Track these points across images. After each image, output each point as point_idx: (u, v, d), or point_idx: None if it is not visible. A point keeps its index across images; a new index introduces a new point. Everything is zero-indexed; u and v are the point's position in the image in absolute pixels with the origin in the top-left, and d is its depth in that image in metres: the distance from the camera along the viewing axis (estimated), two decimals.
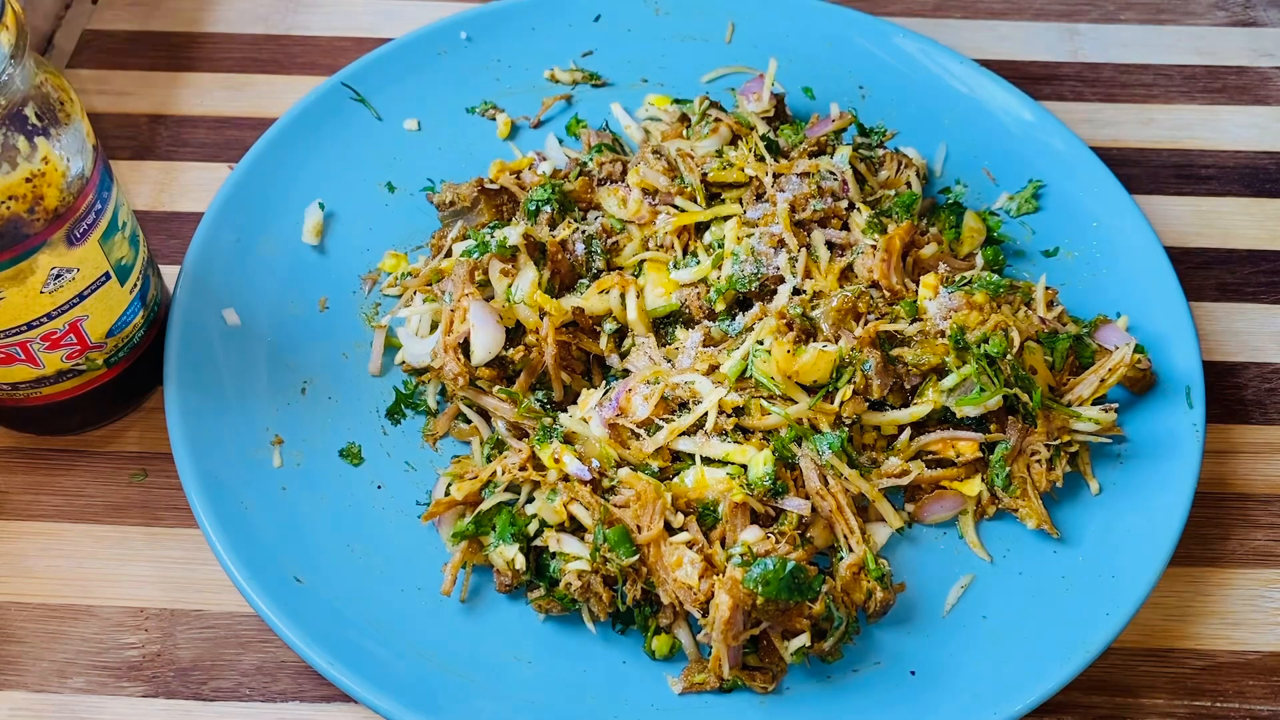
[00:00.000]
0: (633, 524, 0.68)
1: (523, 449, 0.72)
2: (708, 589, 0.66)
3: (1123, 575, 0.71)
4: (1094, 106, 0.99)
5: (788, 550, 0.67)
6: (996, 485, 0.74)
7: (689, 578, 0.67)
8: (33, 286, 0.65)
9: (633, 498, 0.69)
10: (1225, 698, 0.71)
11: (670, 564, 0.67)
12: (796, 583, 0.65)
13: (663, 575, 0.68)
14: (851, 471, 0.71)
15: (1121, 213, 0.85)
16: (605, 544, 0.67)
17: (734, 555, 0.67)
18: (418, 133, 0.90)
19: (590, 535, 0.69)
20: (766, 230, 0.79)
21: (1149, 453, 0.76)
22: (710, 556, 0.68)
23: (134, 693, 0.69)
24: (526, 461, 0.71)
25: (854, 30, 0.95)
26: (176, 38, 1.01)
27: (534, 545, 0.70)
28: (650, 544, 0.68)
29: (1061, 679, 0.67)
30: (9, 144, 0.61)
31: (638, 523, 0.68)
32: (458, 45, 0.93)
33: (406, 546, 0.73)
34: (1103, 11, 1.07)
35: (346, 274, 0.83)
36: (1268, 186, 0.95)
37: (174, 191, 0.91)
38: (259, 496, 0.72)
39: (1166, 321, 0.80)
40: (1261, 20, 1.06)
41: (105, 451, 0.78)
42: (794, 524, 0.70)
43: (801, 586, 0.65)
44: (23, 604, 0.72)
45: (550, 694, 0.67)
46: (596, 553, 0.67)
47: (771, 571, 0.64)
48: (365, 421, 0.77)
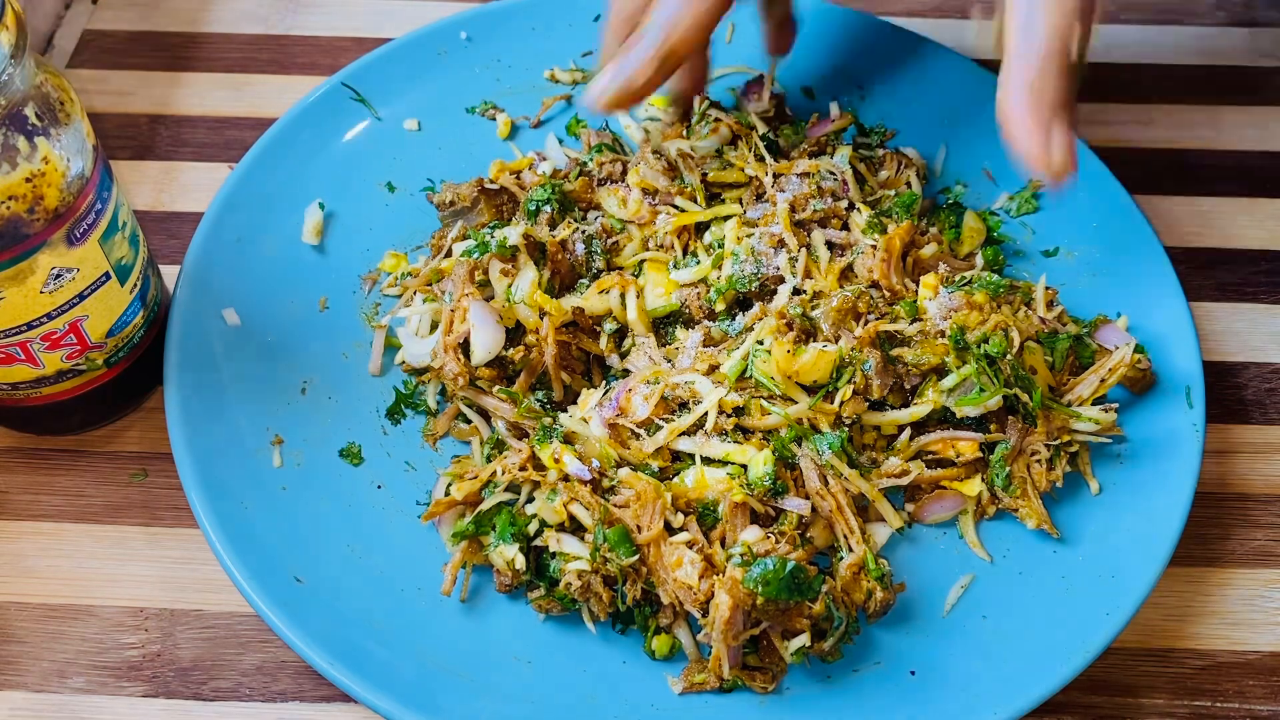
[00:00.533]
0: (632, 524, 0.68)
1: (523, 449, 0.72)
2: (708, 589, 0.66)
3: (1123, 575, 0.71)
4: (1094, 106, 0.99)
5: (788, 550, 0.67)
6: (997, 485, 0.74)
7: (689, 577, 0.67)
8: (33, 286, 0.65)
9: (632, 498, 0.69)
10: (1225, 698, 0.71)
11: (670, 564, 0.67)
12: (797, 583, 0.65)
13: (663, 575, 0.68)
14: (851, 471, 0.71)
15: (1121, 213, 0.85)
16: (605, 544, 0.67)
17: (734, 555, 0.67)
18: (418, 133, 0.90)
19: (590, 535, 0.69)
20: (766, 230, 0.79)
21: (1149, 453, 0.76)
22: (710, 556, 0.68)
23: (134, 693, 0.69)
24: (526, 461, 0.71)
25: (854, 30, 0.95)
26: (176, 38, 1.01)
27: (534, 545, 0.70)
28: (650, 544, 0.68)
29: (1061, 679, 0.67)
30: (9, 144, 0.61)
31: (637, 523, 0.68)
32: (458, 45, 0.93)
33: (406, 546, 0.73)
34: (1103, 11, 1.07)
35: (346, 274, 0.83)
36: (1268, 186, 0.95)
37: (174, 191, 0.91)
38: (259, 496, 0.72)
39: (1166, 321, 0.80)
40: (1261, 20, 1.06)
41: (105, 451, 0.78)
42: (794, 524, 0.70)
43: (802, 586, 0.65)
44: (23, 604, 0.72)
45: (550, 694, 0.67)
46: (596, 553, 0.67)
47: (771, 571, 0.64)
48: (365, 421, 0.77)
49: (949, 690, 0.68)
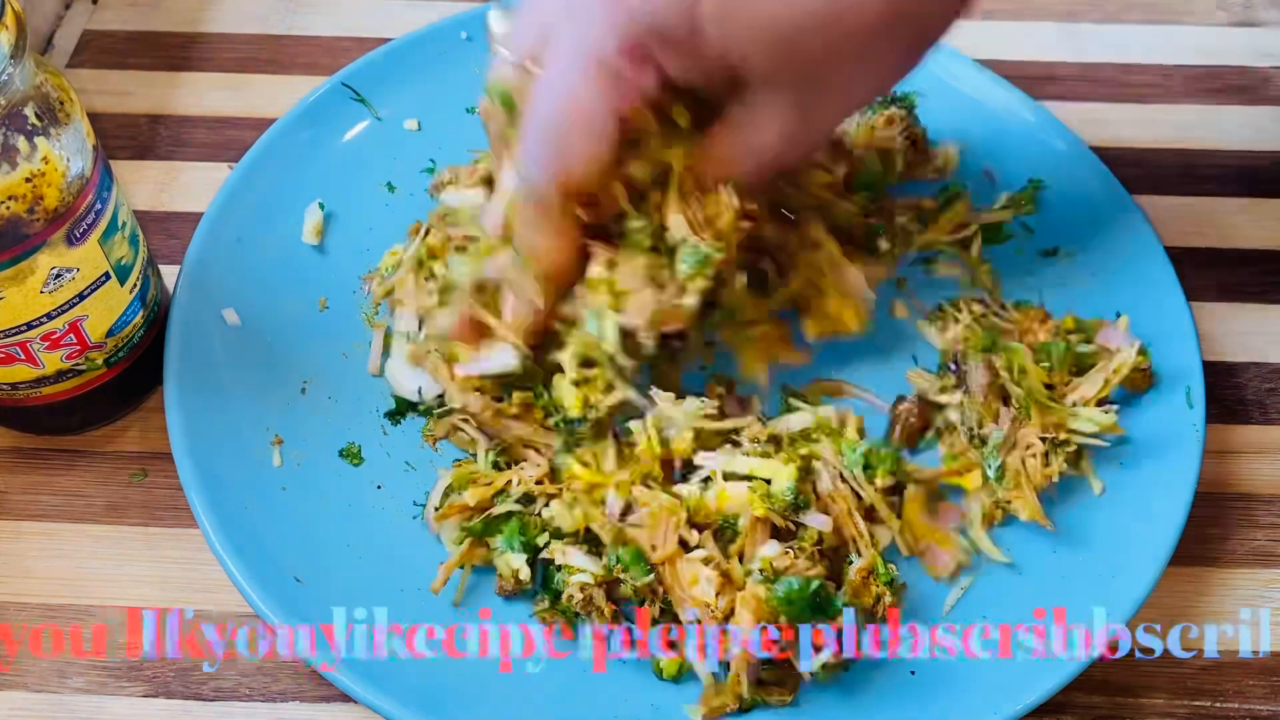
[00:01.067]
0: (647, 544, 0.68)
1: (541, 463, 0.71)
2: (726, 605, 0.66)
3: (1123, 575, 0.71)
4: (1094, 106, 0.99)
5: (807, 566, 0.67)
6: (990, 475, 0.73)
7: (705, 594, 0.66)
8: (32, 286, 0.65)
9: (647, 516, 0.68)
10: (1225, 698, 0.71)
11: (686, 580, 0.67)
12: (818, 601, 0.64)
13: (679, 593, 0.67)
14: (865, 476, 0.71)
15: (1121, 213, 0.85)
16: (619, 565, 0.67)
17: (753, 571, 0.66)
18: (418, 133, 0.90)
19: (605, 551, 0.68)
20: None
21: (1149, 453, 0.76)
22: (728, 572, 0.67)
23: (134, 693, 0.69)
24: (544, 476, 0.71)
25: None
26: (176, 38, 1.01)
27: (540, 557, 0.70)
28: (665, 562, 0.67)
29: (1061, 679, 0.67)
30: (9, 144, 0.61)
31: (652, 542, 0.68)
32: (458, 45, 0.93)
33: (406, 547, 0.73)
34: (1103, 11, 1.07)
35: (346, 274, 0.83)
36: (1268, 186, 0.95)
37: (174, 191, 0.91)
38: (259, 496, 0.72)
39: (1166, 321, 0.80)
40: (1261, 20, 1.06)
41: (105, 451, 0.78)
42: (814, 539, 0.69)
43: (823, 605, 0.65)
44: (23, 604, 0.72)
45: (551, 694, 0.67)
46: (610, 571, 0.67)
47: (796, 591, 0.64)
48: (365, 421, 0.77)
49: (949, 690, 0.68)
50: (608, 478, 0.70)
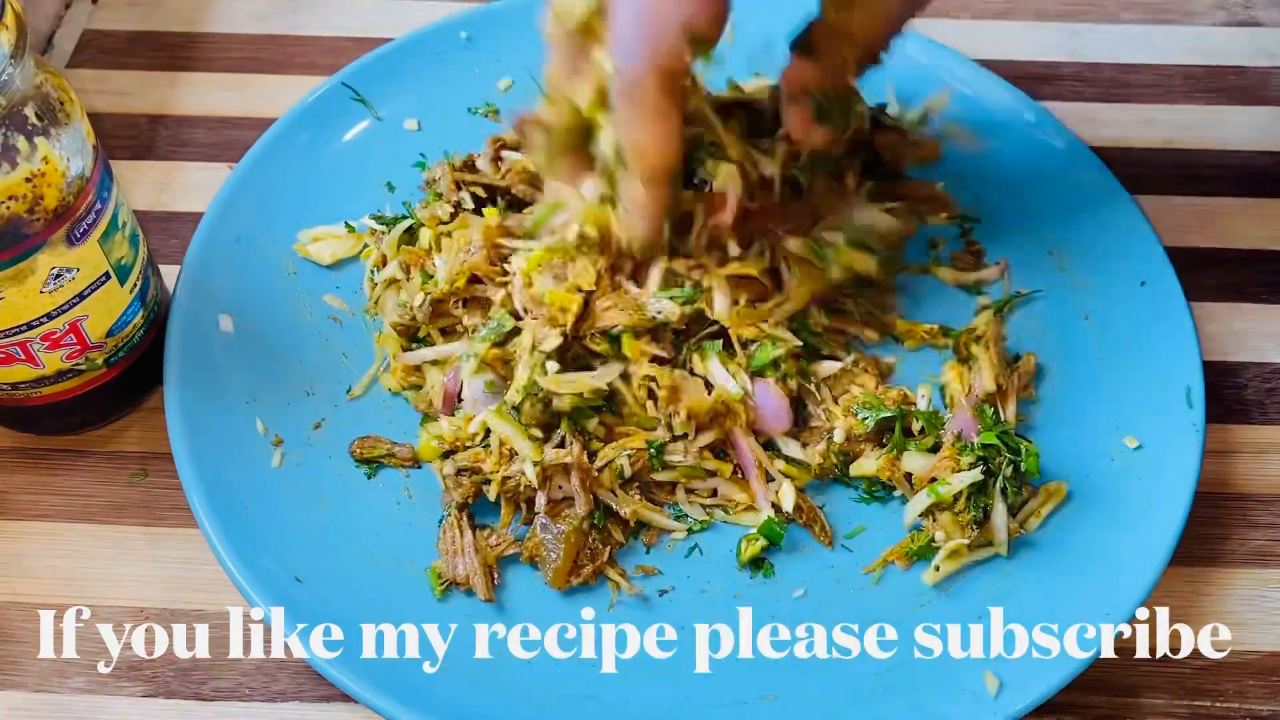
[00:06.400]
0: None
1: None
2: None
3: (1123, 575, 0.71)
4: (1094, 106, 0.99)
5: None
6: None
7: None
8: (32, 286, 0.65)
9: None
10: (1225, 698, 0.71)
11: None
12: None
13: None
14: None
15: (1122, 213, 0.85)
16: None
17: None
18: (418, 133, 0.90)
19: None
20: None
21: (1149, 453, 0.76)
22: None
23: (134, 693, 0.69)
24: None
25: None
26: (176, 38, 1.01)
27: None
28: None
29: (1061, 679, 0.67)
30: (9, 144, 0.61)
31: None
32: (458, 45, 0.93)
33: (406, 546, 0.73)
34: (1103, 11, 1.07)
35: (346, 274, 0.83)
36: (1268, 186, 0.95)
37: (174, 191, 0.91)
38: (259, 496, 0.72)
39: (1166, 321, 0.80)
40: (1261, 20, 1.06)
41: (105, 451, 0.78)
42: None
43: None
44: (23, 604, 0.72)
45: (551, 694, 0.67)
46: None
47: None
48: (365, 421, 0.77)
49: (949, 690, 0.68)
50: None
